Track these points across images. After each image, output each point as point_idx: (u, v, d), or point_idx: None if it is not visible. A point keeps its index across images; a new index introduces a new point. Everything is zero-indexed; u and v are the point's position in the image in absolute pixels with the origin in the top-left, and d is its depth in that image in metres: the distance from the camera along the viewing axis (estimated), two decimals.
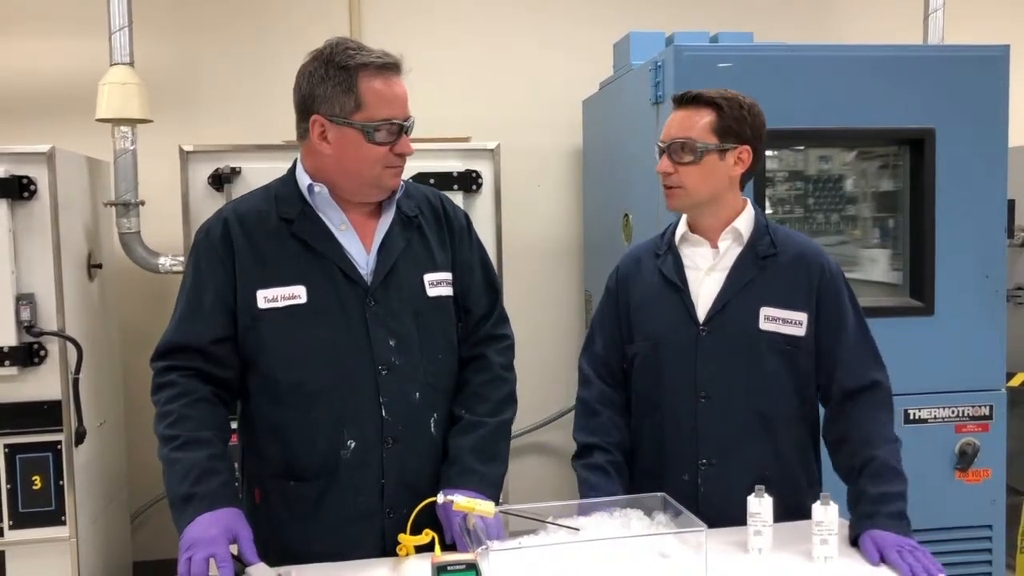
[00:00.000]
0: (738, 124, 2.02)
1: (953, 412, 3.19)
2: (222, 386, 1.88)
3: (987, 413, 3.20)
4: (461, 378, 2.01)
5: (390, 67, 1.81)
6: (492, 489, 1.89)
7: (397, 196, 1.93)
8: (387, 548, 1.85)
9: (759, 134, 2.07)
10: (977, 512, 3.21)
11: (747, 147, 2.05)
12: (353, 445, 1.85)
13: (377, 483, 1.86)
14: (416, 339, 1.90)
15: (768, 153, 3.21)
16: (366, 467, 1.86)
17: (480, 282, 2.05)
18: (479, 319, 2.04)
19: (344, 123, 1.79)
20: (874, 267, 3.40)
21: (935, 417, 3.19)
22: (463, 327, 2.02)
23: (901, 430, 2.05)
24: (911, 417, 3.16)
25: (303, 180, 1.90)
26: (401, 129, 1.83)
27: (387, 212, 1.93)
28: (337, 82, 1.79)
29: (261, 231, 1.87)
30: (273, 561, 1.72)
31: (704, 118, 2.02)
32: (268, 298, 1.84)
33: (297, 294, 1.84)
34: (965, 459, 3.18)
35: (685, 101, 2.05)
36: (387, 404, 1.86)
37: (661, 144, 2.07)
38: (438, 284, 1.96)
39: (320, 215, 1.89)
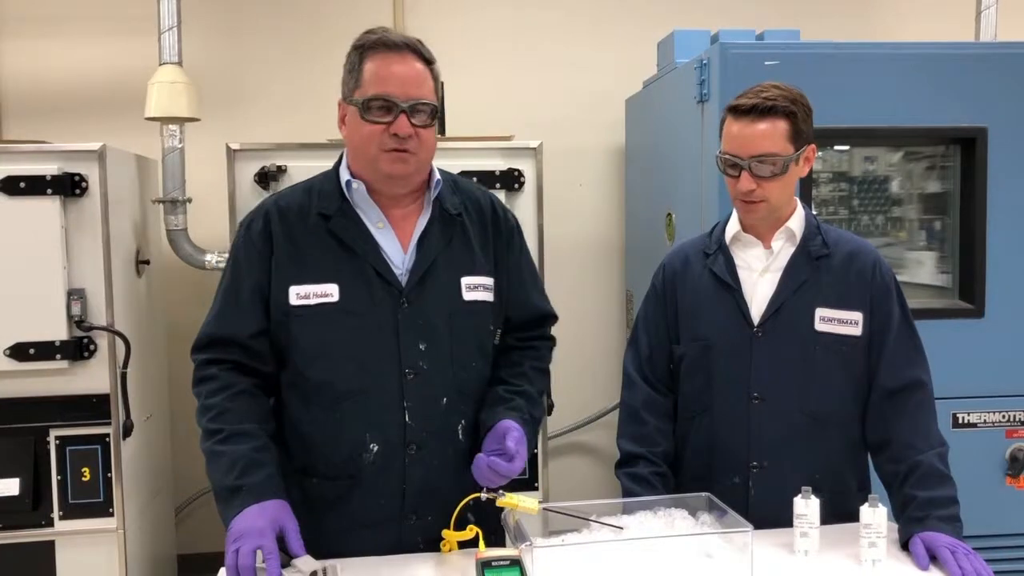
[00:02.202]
0: (806, 126, 1.98)
1: (1003, 417, 3.13)
2: (262, 379, 1.88)
3: None
4: (509, 359, 2.00)
5: (393, 46, 1.79)
6: (536, 414, 1.94)
7: (435, 192, 1.90)
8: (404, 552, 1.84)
9: (813, 128, 2.04)
10: None
11: (812, 145, 2.02)
12: (376, 449, 1.83)
13: (399, 488, 1.84)
14: (448, 344, 1.87)
15: None
16: (388, 472, 1.84)
17: (530, 286, 2.04)
18: (530, 321, 2.04)
19: (349, 102, 1.80)
20: (920, 269, 3.34)
21: (985, 422, 3.12)
22: (509, 325, 2.01)
23: (950, 435, 2.01)
24: (960, 422, 3.10)
25: (343, 176, 1.89)
26: (398, 109, 1.76)
27: (425, 210, 1.90)
28: (350, 62, 1.82)
29: (300, 227, 1.86)
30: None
31: (780, 128, 1.95)
32: (300, 295, 1.83)
33: (329, 292, 1.83)
34: (1016, 465, 3.11)
35: (760, 112, 1.95)
36: (411, 409, 1.83)
37: (738, 160, 1.97)
38: (475, 288, 1.91)
39: (358, 212, 1.87)
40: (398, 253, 1.87)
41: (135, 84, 3.64)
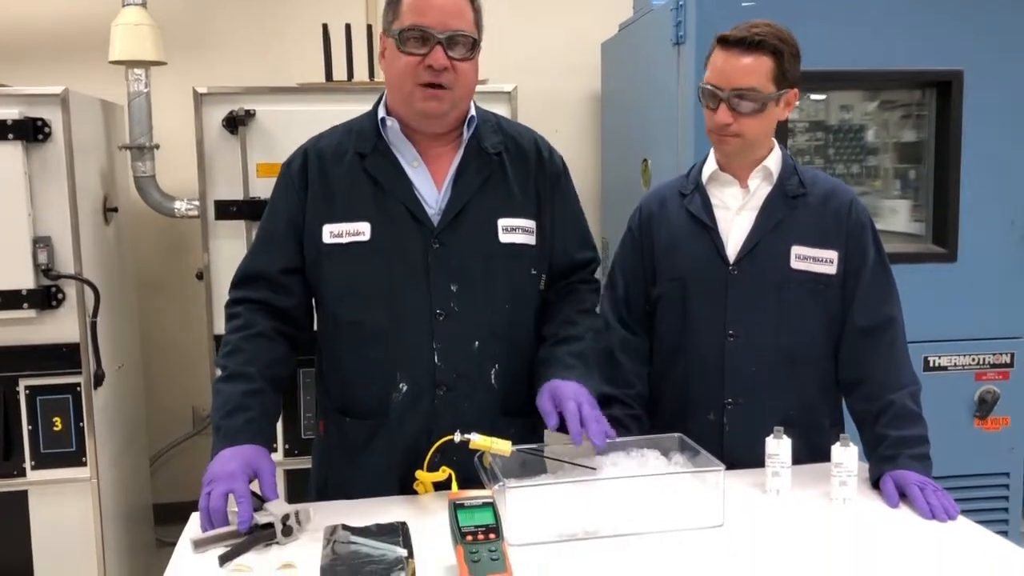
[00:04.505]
0: (792, 67, 1.96)
1: (973, 360, 3.17)
2: (287, 320, 1.87)
3: (1008, 361, 3.18)
4: (551, 311, 1.97)
5: None
6: (593, 387, 1.82)
7: (470, 132, 1.86)
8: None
9: (799, 73, 2.01)
10: (995, 460, 3.21)
11: (796, 90, 1.99)
12: (405, 388, 1.83)
13: (426, 429, 1.82)
14: (481, 287, 1.84)
15: None
16: (416, 412, 1.84)
17: (575, 231, 1.99)
18: (573, 266, 1.99)
19: (387, 34, 1.77)
20: (894, 217, 3.35)
21: (955, 364, 3.16)
22: (551, 272, 1.96)
23: (920, 378, 2.02)
24: (931, 364, 3.14)
25: (380, 113, 1.86)
26: (433, 40, 1.72)
27: (461, 147, 1.86)
28: None
29: (336, 166, 1.85)
30: (332, 497, 1.79)
31: (765, 65, 1.92)
32: (333, 233, 1.82)
33: (361, 231, 1.82)
34: (984, 407, 3.17)
35: (747, 45, 1.92)
36: (440, 351, 1.82)
37: (718, 91, 1.95)
38: (513, 230, 1.87)
39: (393, 150, 1.85)
40: (432, 192, 1.84)
41: (98, 27, 3.54)
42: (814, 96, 3.35)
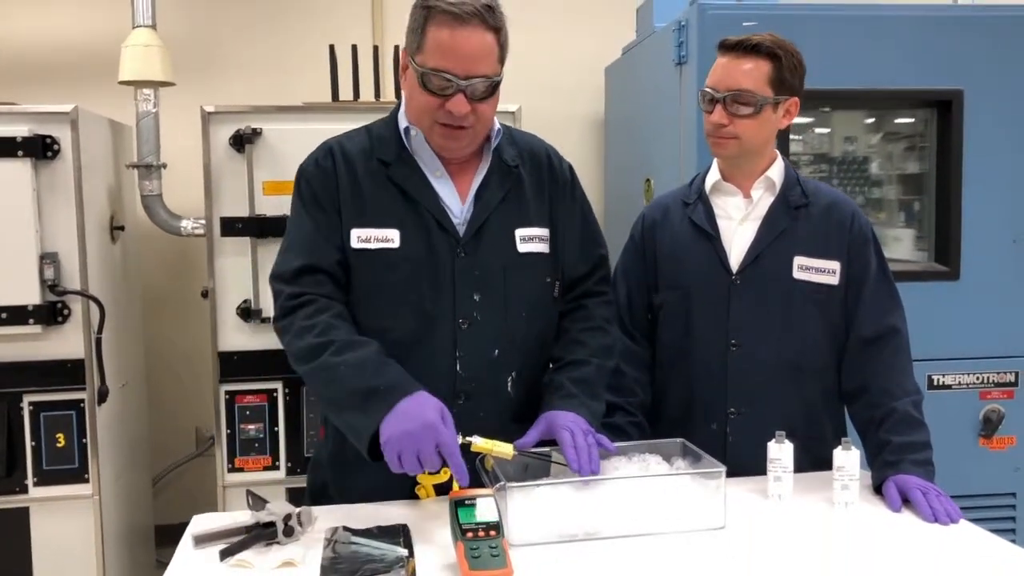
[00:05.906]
0: (791, 75, 1.98)
1: (978, 378, 3.15)
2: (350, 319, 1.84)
3: (1012, 380, 3.16)
4: (560, 327, 1.97)
5: (461, 17, 1.68)
6: (594, 420, 1.82)
7: (494, 144, 1.87)
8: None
9: (803, 84, 2.04)
10: (1001, 479, 3.17)
11: (796, 99, 2.02)
12: None
13: None
14: (502, 295, 1.84)
15: (792, 137, 3.19)
16: None
17: (581, 238, 1.99)
18: (581, 275, 1.99)
19: (411, 61, 1.75)
20: (898, 246, 3.36)
21: (959, 383, 3.15)
22: (563, 282, 1.96)
23: (924, 396, 2.02)
24: (935, 383, 3.12)
25: (402, 122, 1.86)
26: (455, 86, 1.70)
27: (484, 161, 1.87)
28: (415, 18, 1.74)
29: (362, 169, 1.84)
30: (333, 502, 1.78)
31: (762, 69, 1.96)
32: (362, 238, 1.81)
33: (391, 237, 1.80)
34: (989, 426, 3.14)
35: (743, 49, 1.97)
36: (462, 359, 1.82)
37: (714, 93, 1.99)
38: (530, 240, 1.88)
39: (417, 160, 1.84)
40: (456, 203, 1.85)
41: (108, 48, 3.60)
42: (819, 129, 3.37)
